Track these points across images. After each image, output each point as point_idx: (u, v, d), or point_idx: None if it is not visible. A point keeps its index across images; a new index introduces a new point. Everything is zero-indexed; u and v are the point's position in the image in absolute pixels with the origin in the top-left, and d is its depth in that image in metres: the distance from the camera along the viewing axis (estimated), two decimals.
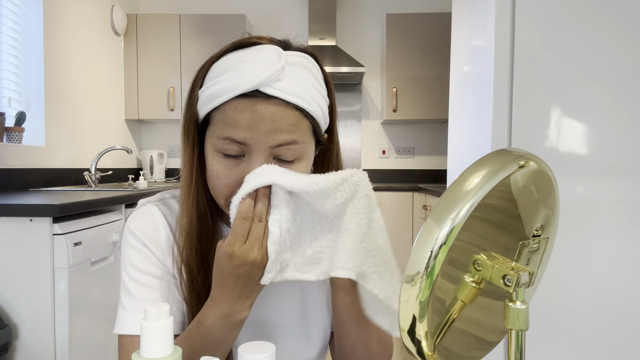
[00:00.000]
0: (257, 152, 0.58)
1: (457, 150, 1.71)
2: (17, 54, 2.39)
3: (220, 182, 0.60)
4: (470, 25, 1.53)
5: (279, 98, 0.57)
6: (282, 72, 0.57)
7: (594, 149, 1.27)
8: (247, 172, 0.58)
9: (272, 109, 0.57)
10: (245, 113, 0.57)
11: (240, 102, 0.57)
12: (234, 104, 0.58)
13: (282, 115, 0.58)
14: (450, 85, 1.80)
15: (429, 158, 3.77)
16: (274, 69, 0.56)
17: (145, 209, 0.68)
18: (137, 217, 0.67)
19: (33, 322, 1.54)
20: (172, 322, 0.45)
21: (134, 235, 0.65)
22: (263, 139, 0.58)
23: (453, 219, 0.36)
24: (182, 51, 3.35)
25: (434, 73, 3.35)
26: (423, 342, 0.39)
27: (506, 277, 0.36)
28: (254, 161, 0.58)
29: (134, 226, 0.66)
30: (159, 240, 0.66)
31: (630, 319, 1.28)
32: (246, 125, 0.57)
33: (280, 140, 0.58)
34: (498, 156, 0.40)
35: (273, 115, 0.57)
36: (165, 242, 0.66)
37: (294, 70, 0.59)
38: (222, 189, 0.60)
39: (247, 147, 0.58)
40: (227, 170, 0.59)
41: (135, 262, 0.65)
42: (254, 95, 0.57)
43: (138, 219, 0.67)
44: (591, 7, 1.25)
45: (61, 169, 2.63)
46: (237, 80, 0.57)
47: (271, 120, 0.57)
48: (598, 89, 1.26)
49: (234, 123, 0.58)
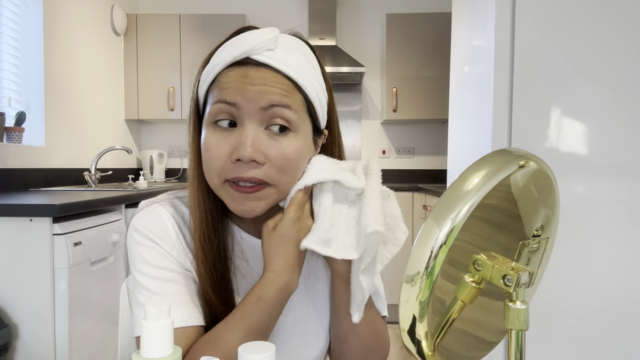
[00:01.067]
0: (249, 116, 0.57)
1: (457, 150, 1.71)
2: (17, 54, 2.39)
3: (211, 155, 0.58)
4: (470, 25, 1.53)
5: (270, 66, 0.58)
6: (274, 43, 0.58)
7: (594, 149, 1.27)
8: (239, 141, 0.57)
9: (263, 74, 0.57)
10: (236, 77, 0.57)
11: (233, 69, 0.58)
12: (227, 72, 0.58)
13: (273, 80, 0.58)
14: (450, 85, 1.80)
15: (429, 158, 3.77)
16: (266, 37, 0.58)
17: (150, 209, 0.66)
18: (143, 216, 0.66)
19: (33, 322, 1.54)
20: (172, 322, 0.45)
21: (141, 233, 0.64)
22: (254, 97, 0.56)
23: (453, 219, 0.36)
24: (182, 51, 3.35)
25: (434, 73, 3.35)
26: (423, 342, 0.39)
27: (506, 277, 0.36)
28: (245, 128, 0.57)
29: (140, 224, 0.64)
30: (169, 237, 0.64)
31: (630, 320, 1.28)
32: (237, 87, 0.57)
33: (272, 99, 0.57)
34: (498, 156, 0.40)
35: (263, 79, 0.57)
36: (175, 239, 0.64)
37: (287, 47, 0.60)
38: (213, 161, 0.58)
39: (238, 109, 0.57)
40: (218, 141, 0.58)
41: (148, 259, 0.63)
42: (245, 63, 0.58)
43: (144, 218, 0.65)
44: (591, 7, 1.25)
45: (61, 169, 2.62)
46: (231, 50, 0.58)
47: (262, 83, 0.57)
48: (598, 89, 1.26)
49: (225, 87, 0.58)
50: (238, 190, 0.58)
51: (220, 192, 0.60)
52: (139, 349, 0.63)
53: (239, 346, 0.46)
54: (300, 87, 0.59)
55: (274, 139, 0.58)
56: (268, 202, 0.60)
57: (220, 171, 0.58)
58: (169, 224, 0.65)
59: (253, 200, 0.58)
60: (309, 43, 0.65)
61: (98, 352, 1.78)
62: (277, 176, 0.58)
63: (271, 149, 0.58)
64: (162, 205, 0.67)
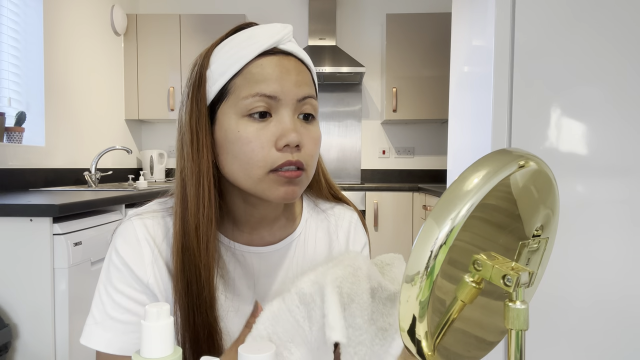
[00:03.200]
0: (286, 106, 0.59)
1: (457, 150, 1.71)
2: (17, 54, 2.39)
3: (253, 147, 0.57)
4: (470, 25, 1.53)
5: (295, 56, 0.61)
6: (291, 36, 0.62)
7: (594, 149, 1.27)
8: (278, 129, 0.58)
9: (294, 63, 0.61)
10: (272, 67, 0.59)
11: (265, 59, 0.59)
12: (258, 62, 0.59)
13: (302, 69, 0.61)
14: (450, 85, 1.80)
15: (429, 158, 3.77)
16: (287, 30, 0.61)
17: (128, 225, 0.64)
18: (122, 233, 0.64)
19: (33, 322, 1.54)
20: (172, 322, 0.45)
21: (117, 254, 0.63)
22: (292, 90, 0.59)
23: (453, 219, 0.36)
24: (182, 51, 3.35)
25: (434, 73, 3.35)
26: (423, 342, 0.39)
27: (506, 277, 0.36)
28: (283, 116, 0.59)
29: (119, 244, 0.63)
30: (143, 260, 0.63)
31: (630, 319, 1.28)
32: (275, 77, 0.58)
33: (305, 92, 0.60)
34: (498, 156, 0.40)
35: (296, 68, 0.60)
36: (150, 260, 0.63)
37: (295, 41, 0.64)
38: (256, 152, 0.58)
39: (276, 101, 0.59)
40: (258, 131, 0.58)
41: (114, 281, 0.62)
42: (274, 53, 0.60)
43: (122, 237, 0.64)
44: (591, 8, 1.25)
45: (61, 169, 2.63)
46: (255, 42, 0.59)
47: (296, 72, 0.60)
48: (598, 89, 1.26)
49: (262, 78, 0.58)
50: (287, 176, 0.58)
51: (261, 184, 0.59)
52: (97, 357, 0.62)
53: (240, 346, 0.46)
54: (313, 79, 0.64)
55: (304, 126, 0.61)
56: (302, 188, 0.62)
57: (267, 160, 0.58)
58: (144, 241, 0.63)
59: (295, 185, 0.60)
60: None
61: None
62: (309, 160, 0.61)
63: (304, 136, 0.60)
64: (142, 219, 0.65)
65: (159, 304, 0.46)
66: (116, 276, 0.62)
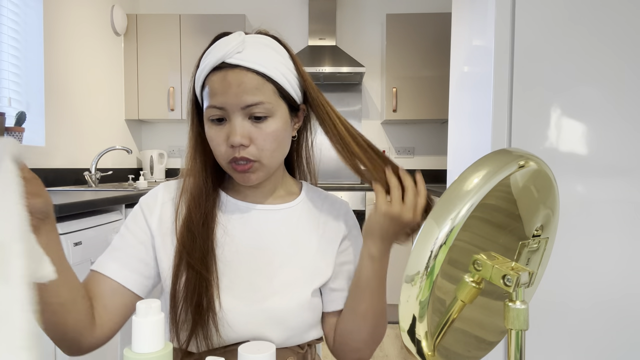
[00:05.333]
0: (233, 113, 0.72)
1: (457, 150, 1.71)
2: (17, 54, 2.39)
3: (214, 144, 0.75)
4: (470, 25, 1.53)
5: (241, 66, 0.71)
6: (242, 45, 0.72)
7: (594, 149, 1.27)
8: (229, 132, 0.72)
9: (237, 75, 0.71)
10: (218, 82, 0.72)
11: (215, 74, 0.73)
12: (211, 78, 0.73)
13: (246, 79, 0.71)
14: (450, 85, 1.80)
15: (429, 158, 3.77)
16: (234, 43, 0.72)
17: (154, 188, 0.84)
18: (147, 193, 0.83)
19: None
20: (162, 318, 0.48)
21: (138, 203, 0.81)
22: (234, 101, 0.71)
23: (453, 219, 0.36)
24: (182, 51, 3.35)
25: (434, 73, 3.35)
26: (423, 342, 0.39)
27: (506, 277, 0.36)
28: (233, 121, 0.72)
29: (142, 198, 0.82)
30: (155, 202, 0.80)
31: (630, 319, 1.28)
32: (221, 92, 0.72)
33: (247, 101, 0.71)
34: (498, 156, 0.40)
35: (238, 79, 0.71)
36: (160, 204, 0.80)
37: (253, 45, 0.73)
38: (217, 149, 0.74)
39: (225, 111, 0.72)
40: (217, 133, 0.74)
41: (127, 222, 0.80)
42: (222, 67, 0.72)
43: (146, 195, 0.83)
44: (591, 7, 1.25)
45: (61, 169, 2.62)
46: (210, 58, 0.73)
47: (237, 85, 0.71)
48: (598, 89, 1.26)
49: (212, 93, 0.73)
50: (238, 169, 0.74)
51: (227, 170, 0.76)
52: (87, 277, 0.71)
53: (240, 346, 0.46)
54: (269, 78, 0.73)
55: (255, 125, 0.73)
56: (259, 174, 0.76)
57: (223, 155, 0.74)
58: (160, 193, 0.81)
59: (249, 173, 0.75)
60: (274, 36, 0.78)
61: (98, 352, 1.77)
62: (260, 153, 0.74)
63: (254, 134, 0.73)
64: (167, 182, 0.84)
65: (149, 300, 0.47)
66: (130, 218, 0.80)
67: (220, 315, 0.73)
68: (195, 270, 0.73)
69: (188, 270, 0.73)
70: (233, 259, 0.77)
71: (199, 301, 0.72)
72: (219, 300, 0.73)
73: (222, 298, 0.74)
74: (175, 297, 0.73)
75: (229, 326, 0.73)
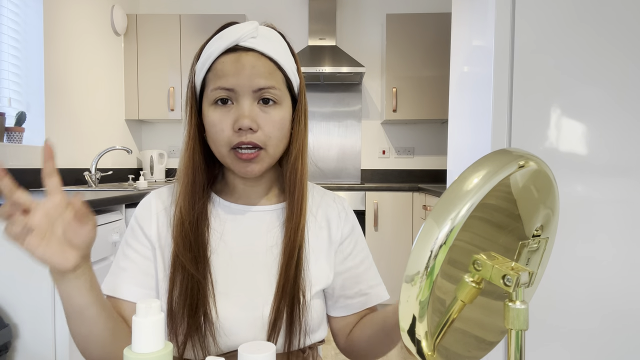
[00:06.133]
0: (243, 95, 0.70)
1: (457, 150, 1.71)
2: (17, 54, 2.39)
3: (216, 129, 0.71)
4: (470, 25, 1.53)
5: (255, 50, 0.71)
6: (256, 32, 0.72)
7: (594, 149, 1.27)
8: (238, 114, 0.70)
9: (251, 58, 0.71)
10: (230, 63, 0.71)
11: (226, 56, 0.71)
12: (221, 60, 0.72)
13: (260, 63, 0.71)
14: (450, 85, 1.80)
15: (429, 158, 3.77)
16: (249, 28, 0.71)
17: (147, 196, 0.82)
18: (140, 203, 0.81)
19: (33, 322, 1.54)
20: (162, 318, 0.48)
21: (134, 217, 0.80)
22: (247, 83, 0.70)
23: (453, 219, 0.36)
24: (182, 51, 3.35)
25: (434, 73, 3.35)
26: (423, 342, 0.39)
27: (506, 277, 0.36)
28: (241, 104, 0.70)
29: (136, 210, 0.81)
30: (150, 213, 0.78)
31: (629, 319, 1.28)
32: (232, 73, 0.70)
33: (260, 84, 0.70)
34: (498, 156, 0.40)
35: (252, 62, 0.71)
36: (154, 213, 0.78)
37: (266, 35, 0.73)
38: (219, 133, 0.71)
39: (235, 92, 0.70)
40: (222, 116, 0.71)
41: (127, 238, 0.78)
42: (235, 49, 0.71)
43: (139, 206, 0.81)
44: (591, 7, 1.25)
45: (61, 169, 2.62)
46: (221, 42, 0.72)
47: (251, 66, 0.70)
48: (598, 89, 1.26)
49: (222, 74, 0.71)
50: (242, 157, 0.71)
51: (227, 159, 0.73)
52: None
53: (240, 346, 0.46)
54: (280, 66, 0.73)
55: (264, 111, 0.72)
56: (263, 164, 0.73)
57: (227, 140, 0.71)
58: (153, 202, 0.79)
59: (254, 163, 0.72)
60: (281, 33, 0.78)
61: None
62: (267, 140, 0.72)
63: (262, 119, 0.71)
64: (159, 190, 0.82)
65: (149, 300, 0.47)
66: (129, 234, 0.78)
67: (217, 325, 0.71)
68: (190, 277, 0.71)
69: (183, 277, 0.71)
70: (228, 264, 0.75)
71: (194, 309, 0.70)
72: (215, 308, 0.71)
73: (219, 306, 0.72)
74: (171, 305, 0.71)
75: (226, 335, 0.71)
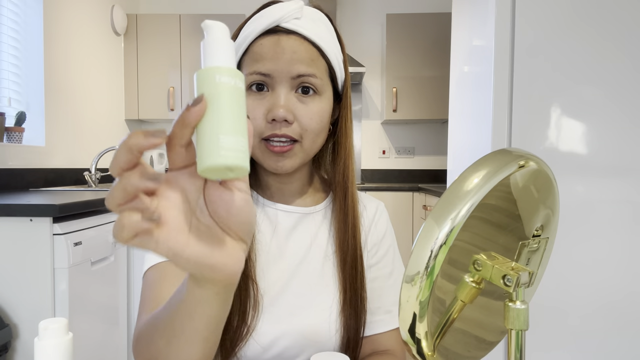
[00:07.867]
0: (280, 83, 0.63)
1: (457, 150, 1.71)
2: (17, 54, 2.39)
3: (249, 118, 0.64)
4: (470, 25, 1.53)
5: (298, 33, 0.63)
6: (300, 12, 0.64)
7: (594, 149, 1.27)
8: (273, 104, 0.63)
9: (293, 42, 0.63)
10: (269, 46, 0.63)
11: (265, 38, 0.64)
12: (259, 41, 0.64)
13: (302, 48, 0.63)
14: (450, 85, 1.80)
15: (429, 158, 3.77)
16: (293, 7, 0.64)
17: None
18: None
19: (33, 322, 1.53)
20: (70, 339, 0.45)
21: None
22: (285, 68, 0.63)
23: (453, 219, 0.36)
24: (182, 51, 3.35)
25: (434, 73, 3.35)
26: (423, 342, 0.39)
27: (506, 277, 0.36)
28: (278, 91, 0.63)
29: None
30: None
31: (629, 319, 1.28)
32: (270, 57, 0.63)
33: (300, 70, 0.63)
34: (498, 156, 0.40)
35: (293, 47, 0.63)
36: None
37: (311, 16, 0.65)
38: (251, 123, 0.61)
39: (271, 78, 0.63)
40: (255, 103, 0.64)
41: None
42: (276, 31, 0.64)
43: None
44: (591, 7, 1.25)
45: (61, 169, 2.62)
46: (261, 21, 0.64)
47: (292, 51, 0.63)
48: (598, 89, 1.26)
49: (259, 57, 0.64)
50: (275, 150, 0.64)
51: (257, 150, 0.65)
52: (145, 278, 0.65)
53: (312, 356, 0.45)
54: (324, 54, 0.65)
55: (301, 101, 0.64)
56: (296, 160, 0.66)
57: (258, 131, 0.64)
58: None
59: (286, 158, 0.65)
60: (329, 16, 0.70)
61: (98, 352, 1.78)
62: (303, 133, 0.65)
63: (299, 110, 0.64)
64: None
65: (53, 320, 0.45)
66: None
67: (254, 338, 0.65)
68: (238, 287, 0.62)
69: None
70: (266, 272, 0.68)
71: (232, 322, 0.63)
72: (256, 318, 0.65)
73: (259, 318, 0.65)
74: None
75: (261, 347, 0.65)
